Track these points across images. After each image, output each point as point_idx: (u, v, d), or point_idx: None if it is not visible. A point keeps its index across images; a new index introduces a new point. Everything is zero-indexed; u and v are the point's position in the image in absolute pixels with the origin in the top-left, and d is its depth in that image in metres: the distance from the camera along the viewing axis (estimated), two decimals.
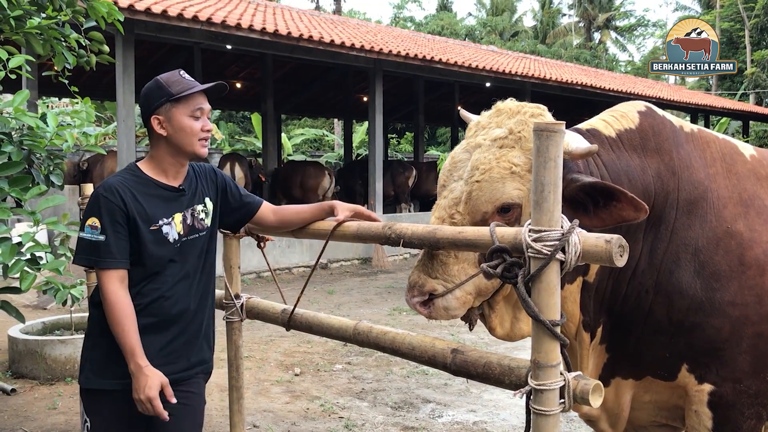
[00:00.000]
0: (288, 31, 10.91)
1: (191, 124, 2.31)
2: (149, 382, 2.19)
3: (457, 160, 2.25)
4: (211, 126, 2.36)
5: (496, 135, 2.17)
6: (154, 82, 2.35)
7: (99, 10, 3.17)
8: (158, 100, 2.31)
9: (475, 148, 2.20)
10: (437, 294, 2.11)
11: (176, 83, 2.31)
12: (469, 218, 2.13)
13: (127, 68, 9.52)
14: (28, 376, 5.67)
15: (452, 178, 2.24)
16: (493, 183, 2.10)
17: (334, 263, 12.49)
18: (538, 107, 2.25)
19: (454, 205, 2.17)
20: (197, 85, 2.34)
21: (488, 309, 2.18)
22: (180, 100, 2.29)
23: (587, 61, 38.18)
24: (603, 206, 2.04)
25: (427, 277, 2.13)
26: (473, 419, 4.90)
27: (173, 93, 2.29)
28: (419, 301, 2.13)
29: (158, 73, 2.42)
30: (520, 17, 48.84)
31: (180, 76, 2.34)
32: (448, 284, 2.10)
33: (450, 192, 2.21)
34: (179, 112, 2.30)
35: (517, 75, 15.07)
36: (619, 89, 17.42)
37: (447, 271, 2.12)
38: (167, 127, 2.31)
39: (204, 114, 2.34)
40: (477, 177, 2.12)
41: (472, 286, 2.09)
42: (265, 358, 6.50)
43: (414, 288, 2.14)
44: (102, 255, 2.21)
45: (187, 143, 2.32)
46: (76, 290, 4.68)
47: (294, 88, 20.00)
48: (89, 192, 4.11)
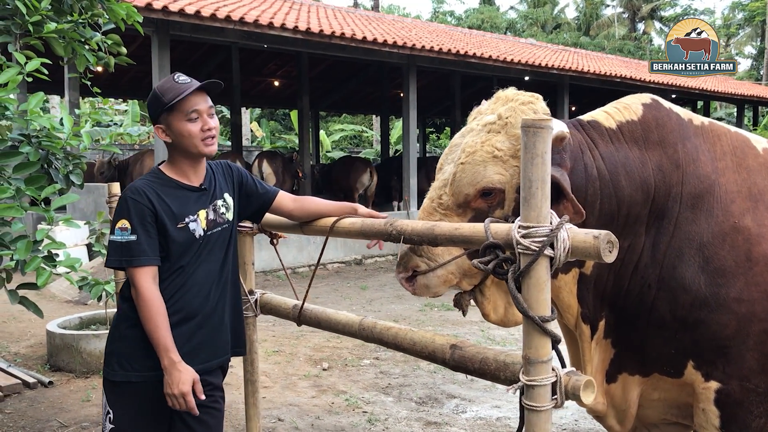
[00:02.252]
0: (320, 29, 10.98)
1: (188, 128, 2.36)
2: (183, 377, 2.26)
3: (454, 144, 2.31)
4: (212, 124, 2.39)
5: (487, 120, 2.22)
6: (152, 92, 2.42)
7: (118, 12, 3.25)
8: (156, 110, 2.39)
9: (468, 132, 2.26)
10: (420, 271, 2.20)
11: (168, 90, 2.36)
12: (452, 199, 2.20)
13: (162, 68, 9.72)
14: (64, 369, 5.85)
15: (447, 161, 2.30)
16: (475, 166, 2.15)
17: (369, 259, 12.54)
18: (531, 95, 2.27)
19: (443, 186, 2.23)
20: (187, 88, 2.36)
21: (480, 295, 2.23)
22: (174, 108, 2.34)
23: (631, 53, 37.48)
24: (556, 201, 2.01)
25: (413, 254, 2.22)
26: (497, 415, 4.88)
27: (166, 102, 2.34)
28: (404, 277, 2.23)
29: (197, 73, 2.50)
30: (562, 9, 48.17)
31: (173, 81, 2.37)
32: (431, 263, 2.19)
33: (442, 174, 2.28)
34: (175, 119, 2.36)
35: (553, 68, 14.88)
36: (660, 81, 17.03)
37: (431, 251, 2.20)
38: (170, 134, 2.39)
39: (202, 114, 2.37)
40: (462, 159, 2.18)
41: (454, 266, 2.16)
42: (295, 352, 6.58)
43: (400, 265, 2.25)
44: (135, 254, 2.29)
45: (190, 146, 2.38)
46: (110, 286, 4.83)
47: (330, 85, 20.13)
48: (116, 191, 4.23)
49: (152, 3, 8.99)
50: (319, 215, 2.69)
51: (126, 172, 13.35)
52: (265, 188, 2.72)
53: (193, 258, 2.42)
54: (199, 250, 2.43)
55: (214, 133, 2.42)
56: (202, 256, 2.44)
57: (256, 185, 2.69)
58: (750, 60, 41.55)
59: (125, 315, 2.41)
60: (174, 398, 2.27)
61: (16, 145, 2.70)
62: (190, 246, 2.40)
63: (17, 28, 2.79)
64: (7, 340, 7.01)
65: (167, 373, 2.26)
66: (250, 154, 21.47)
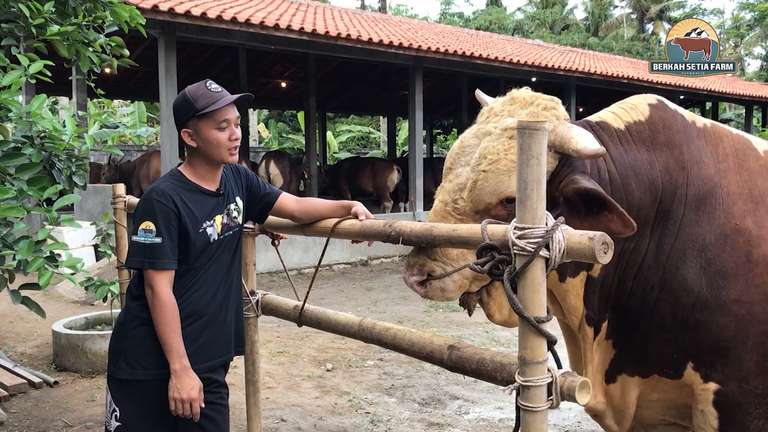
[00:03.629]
0: (326, 31, 11.01)
1: (218, 136, 2.38)
2: (193, 383, 2.32)
3: (466, 145, 2.24)
4: (238, 134, 2.42)
5: (507, 125, 2.15)
6: (181, 96, 2.43)
7: (121, 14, 3.28)
8: (185, 114, 2.40)
9: (485, 135, 2.19)
10: (435, 275, 2.14)
11: (201, 97, 2.37)
12: (471, 206, 2.13)
13: (169, 70, 9.76)
14: (70, 369, 5.89)
15: (459, 162, 2.23)
16: (499, 175, 2.09)
17: (375, 260, 12.55)
18: (552, 99, 2.23)
19: (458, 191, 2.17)
20: (222, 98, 2.38)
21: (486, 296, 2.21)
22: (206, 115, 2.36)
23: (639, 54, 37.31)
24: (594, 213, 2.01)
25: (426, 258, 2.16)
26: (499, 416, 4.88)
27: (198, 108, 2.36)
28: (417, 281, 2.16)
29: (205, 74, 2.52)
30: (571, 10, 48.05)
31: (206, 88, 2.39)
32: (446, 267, 2.13)
33: (456, 177, 2.21)
34: (205, 126, 2.37)
35: (560, 70, 14.86)
36: (667, 82, 16.97)
37: (446, 254, 2.14)
38: (196, 140, 2.41)
39: (230, 124, 2.40)
40: (484, 166, 2.11)
41: (469, 270, 2.10)
42: (299, 353, 6.59)
43: (413, 267, 2.17)
44: (158, 256, 2.32)
45: (216, 154, 2.41)
46: (115, 287, 4.85)
47: (337, 87, 20.15)
48: (120, 192, 4.25)
49: (158, 5, 9.03)
50: (321, 216, 2.70)
51: (132, 174, 13.37)
52: (268, 189, 2.74)
53: (205, 260, 2.46)
54: (211, 253, 2.47)
55: (239, 143, 2.46)
56: (213, 258, 2.48)
57: (260, 186, 2.72)
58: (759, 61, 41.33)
59: (133, 314, 2.43)
60: (181, 403, 2.31)
61: (18, 147, 2.72)
62: (205, 250, 2.44)
63: (21, 30, 2.82)
64: (14, 340, 7.06)
65: (177, 378, 2.30)
66: (257, 155, 21.52)
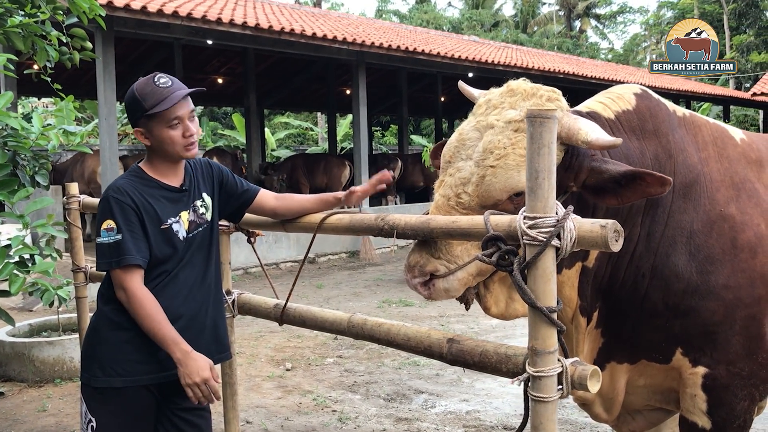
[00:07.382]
0: (269, 25, 10.84)
1: (170, 134, 2.29)
2: (200, 364, 2.20)
3: (466, 138, 2.17)
4: (193, 129, 2.32)
5: (511, 117, 2.10)
6: (130, 94, 2.32)
7: (80, 5, 3.12)
8: (134, 114, 2.30)
9: (487, 129, 2.12)
10: (438, 275, 2.07)
11: (150, 95, 2.26)
12: (478, 201, 2.07)
13: (107, 66, 9.41)
14: (16, 378, 5.61)
15: (459, 156, 2.16)
16: (508, 170, 2.04)
17: (322, 257, 12.46)
18: (553, 91, 2.20)
19: (462, 185, 2.10)
20: (171, 95, 2.26)
21: (484, 289, 2.16)
22: (155, 114, 2.26)
23: (569, 50, 38.26)
24: (626, 185, 2.01)
25: (429, 257, 2.09)
26: (466, 408, 4.91)
27: (146, 108, 2.25)
28: (420, 282, 2.08)
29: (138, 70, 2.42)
30: (500, 6, 48.87)
31: (154, 84, 2.27)
32: (450, 265, 2.06)
33: (457, 171, 2.14)
34: (157, 126, 2.28)
35: (499, 65, 15.06)
36: (601, 77, 17.47)
37: (450, 252, 2.07)
38: (150, 138, 2.32)
39: (183, 120, 2.30)
40: (491, 162, 2.06)
41: (474, 266, 2.05)
42: (256, 354, 6.47)
43: (414, 268, 2.09)
44: (122, 253, 2.21)
45: (171, 151, 2.32)
46: (63, 291, 4.62)
47: (277, 83, 19.89)
48: (74, 191, 4.06)
49: None
50: (305, 211, 2.64)
51: (66, 174, 12.74)
52: (246, 187, 2.65)
53: (177, 261, 2.35)
54: (182, 252, 2.36)
55: (195, 138, 2.35)
56: (185, 258, 2.38)
57: (237, 184, 2.62)
58: None
59: (106, 318, 2.32)
60: (195, 387, 2.19)
61: None
62: (174, 248, 2.34)
63: None
64: None
65: (182, 365, 2.18)
66: None
